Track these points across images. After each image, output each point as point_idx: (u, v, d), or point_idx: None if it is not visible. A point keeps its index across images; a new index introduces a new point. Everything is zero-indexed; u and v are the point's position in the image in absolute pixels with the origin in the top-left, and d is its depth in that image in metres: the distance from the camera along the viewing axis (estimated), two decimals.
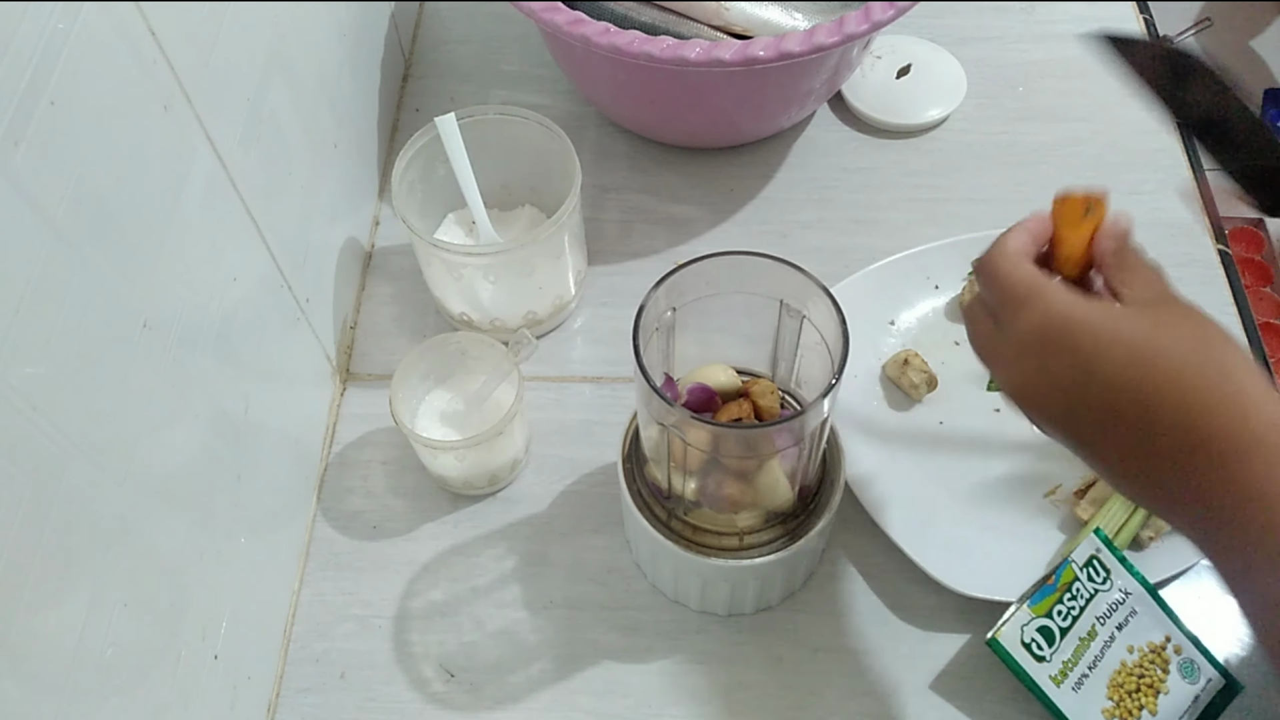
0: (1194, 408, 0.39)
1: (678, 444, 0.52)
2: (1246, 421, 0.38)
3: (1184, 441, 0.39)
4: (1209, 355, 0.40)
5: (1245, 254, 1.67)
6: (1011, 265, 0.44)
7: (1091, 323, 0.41)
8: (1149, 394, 0.39)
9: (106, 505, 0.42)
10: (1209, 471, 0.39)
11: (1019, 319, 0.43)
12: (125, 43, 0.42)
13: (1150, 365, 0.40)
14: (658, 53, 0.63)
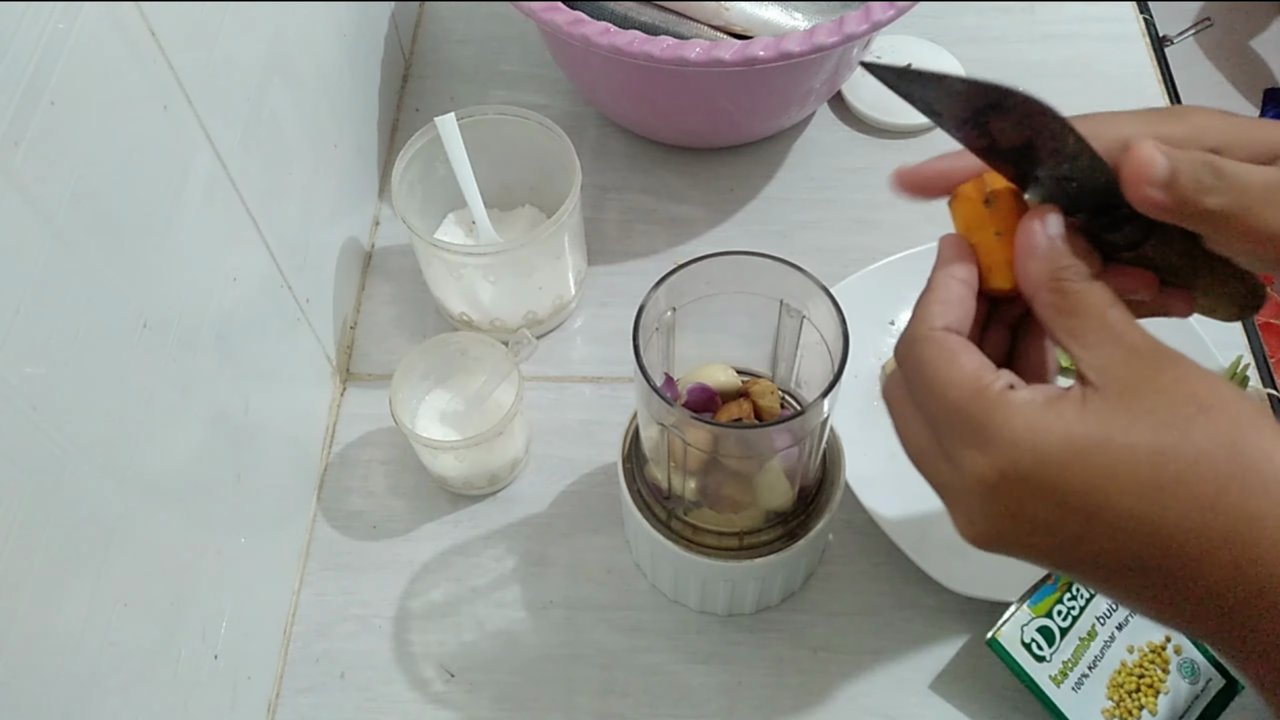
0: (1239, 544, 0.29)
1: (678, 444, 0.52)
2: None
3: (1228, 588, 0.30)
4: (1245, 463, 0.30)
5: None
6: (945, 366, 0.33)
7: (1077, 454, 0.31)
8: (1171, 534, 0.30)
9: (106, 505, 0.42)
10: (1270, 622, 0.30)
11: (970, 458, 0.32)
12: (125, 43, 0.42)
13: (1170, 495, 0.30)
14: (658, 53, 0.63)
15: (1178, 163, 0.34)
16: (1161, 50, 0.89)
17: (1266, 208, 0.35)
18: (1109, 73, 0.87)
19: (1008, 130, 0.35)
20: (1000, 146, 0.36)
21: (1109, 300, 0.34)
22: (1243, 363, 0.66)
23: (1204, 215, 0.35)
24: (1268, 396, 0.69)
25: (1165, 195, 0.35)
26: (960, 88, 0.34)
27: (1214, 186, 0.34)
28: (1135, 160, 0.35)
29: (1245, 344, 0.72)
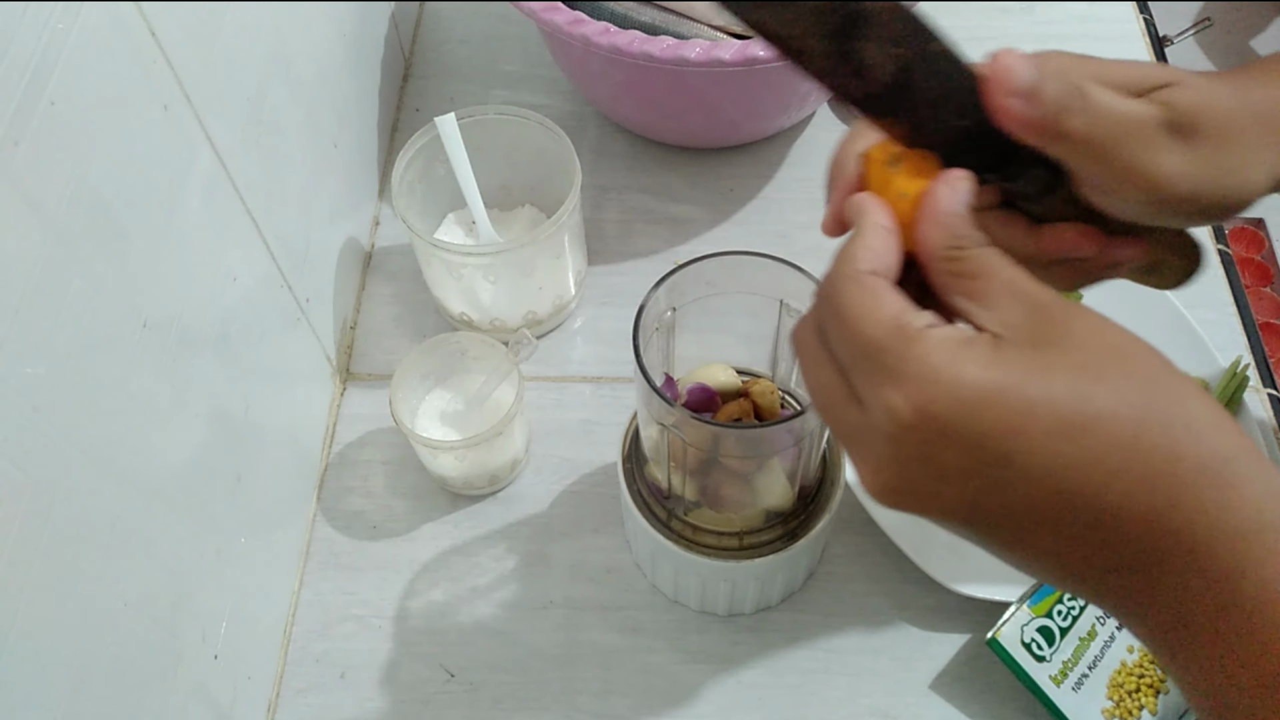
0: (1159, 483, 0.28)
1: (678, 444, 0.52)
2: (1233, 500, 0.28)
3: (1145, 532, 0.29)
4: (1163, 404, 0.29)
5: (1245, 254, 1.67)
6: (868, 302, 0.31)
7: (996, 393, 0.29)
8: (1091, 475, 0.29)
9: (106, 505, 0.42)
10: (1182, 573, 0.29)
11: (885, 395, 0.30)
12: (125, 43, 0.42)
13: (1091, 435, 0.29)
14: (658, 53, 0.63)
15: (1043, 77, 0.34)
16: (1161, 50, 0.89)
17: (1128, 139, 0.34)
18: None
19: (880, 57, 0.33)
20: (877, 86, 0.34)
21: (1006, 262, 0.32)
22: (1243, 363, 0.66)
23: (1067, 138, 0.34)
24: (1268, 397, 0.69)
25: (1026, 107, 0.34)
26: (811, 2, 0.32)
27: (1078, 109, 0.34)
28: (997, 65, 0.34)
29: (1245, 344, 0.72)
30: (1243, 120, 0.36)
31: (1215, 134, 0.35)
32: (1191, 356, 0.67)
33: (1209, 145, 0.35)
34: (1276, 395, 0.70)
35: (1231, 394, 0.65)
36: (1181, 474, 0.28)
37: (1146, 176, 0.35)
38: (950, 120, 0.35)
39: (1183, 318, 0.68)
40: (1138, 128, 0.35)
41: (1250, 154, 0.36)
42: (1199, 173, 0.35)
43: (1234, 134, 0.36)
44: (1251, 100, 0.36)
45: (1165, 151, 0.35)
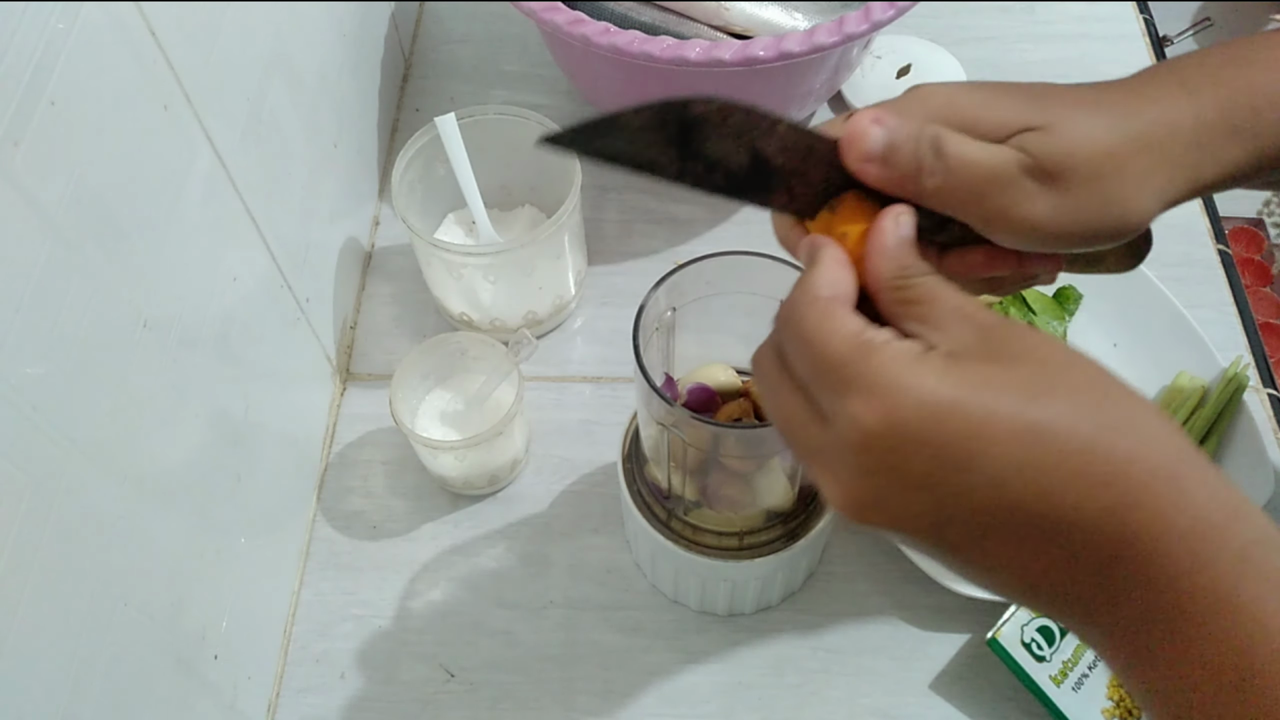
0: (1117, 486, 0.29)
1: (678, 444, 0.52)
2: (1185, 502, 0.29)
3: (1104, 537, 0.29)
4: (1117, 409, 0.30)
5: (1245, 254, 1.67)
6: (828, 323, 0.32)
7: (956, 402, 0.30)
8: (1051, 478, 0.29)
9: (106, 505, 0.42)
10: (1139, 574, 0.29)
11: (849, 407, 0.30)
12: (125, 43, 0.42)
13: (1049, 439, 0.29)
14: (658, 53, 0.63)
15: (899, 137, 0.34)
16: (1161, 50, 0.89)
17: (989, 189, 0.35)
18: (1109, 73, 0.85)
19: (728, 151, 0.34)
20: (738, 175, 0.35)
21: (951, 289, 0.33)
22: (1243, 362, 0.66)
23: (926, 195, 0.35)
24: (1269, 396, 0.69)
25: (882, 171, 0.35)
26: (637, 120, 0.33)
27: (933, 167, 0.34)
28: (849, 132, 0.35)
29: (1245, 344, 0.72)
30: (1123, 153, 0.35)
31: (1085, 175, 0.35)
32: (1191, 356, 0.67)
33: (1078, 186, 0.35)
34: (1276, 395, 0.70)
35: (1231, 394, 0.65)
36: (1136, 476, 0.29)
37: (1015, 221, 0.35)
38: (820, 186, 0.36)
39: (1183, 318, 0.68)
40: (997, 178, 0.35)
41: (1133, 184, 0.35)
42: (1071, 212, 0.35)
43: (1110, 170, 0.35)
44: (1135, 127, 0.36)
45: (1031, 197, 0.35)
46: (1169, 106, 0.36)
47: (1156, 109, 0.36)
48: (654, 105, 0.33)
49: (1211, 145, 0.36)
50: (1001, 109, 0.36)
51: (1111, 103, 0.37)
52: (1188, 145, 0.36)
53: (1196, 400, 0.65)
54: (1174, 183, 0.36)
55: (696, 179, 0.34)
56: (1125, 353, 0.71)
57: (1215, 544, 0.29)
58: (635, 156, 0.33)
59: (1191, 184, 0.36)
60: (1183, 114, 0.36)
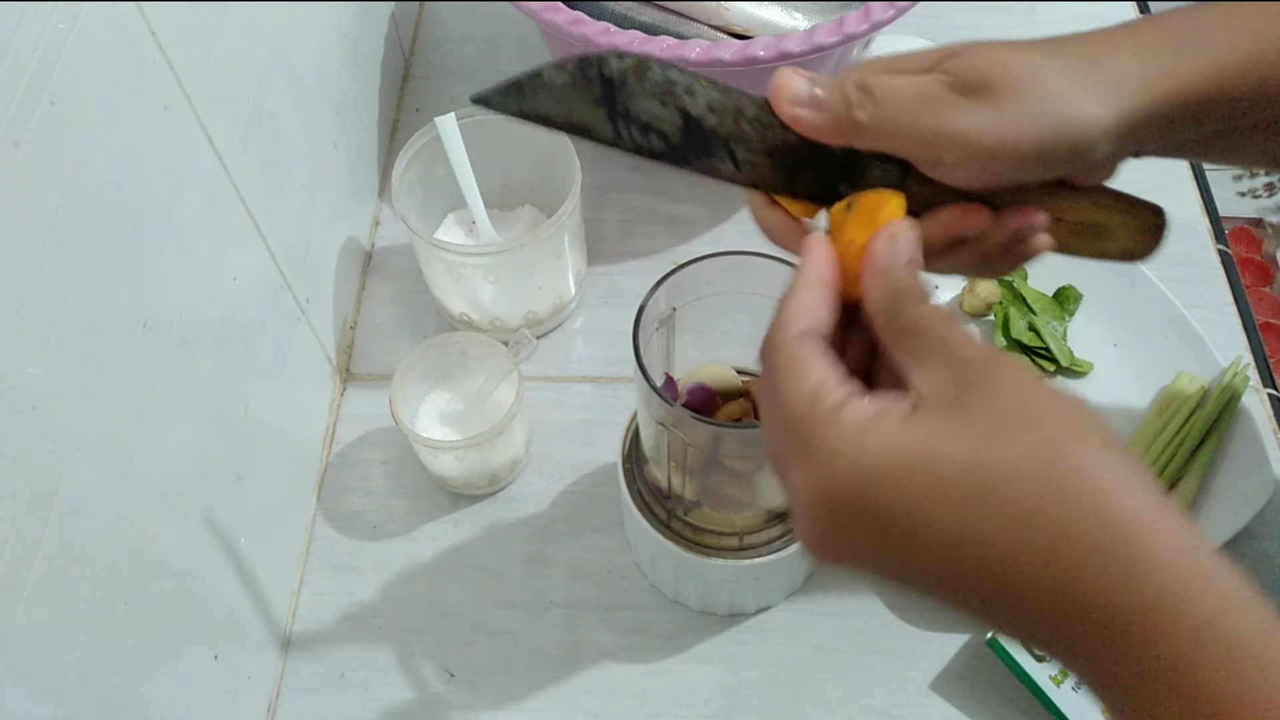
0: (1056, 562, 0.29)
1: (678, 444, 0.52)
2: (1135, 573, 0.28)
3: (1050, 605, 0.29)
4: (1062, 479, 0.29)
5: (1245, 254, 1.67)
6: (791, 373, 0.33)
7: (896, 468, 0.30)
8: (989, 550, 0.29)
9: (106, 505, 0.42)
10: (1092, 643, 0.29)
11: (799, 469, 0.32)
12: (125, 43, 0.42)
13: (987, 509, 0.29)
14: (657, 53, 0.63)
15: (820, 83, 0.36)
16: None
17: (920, 110, 0.35)
18: None
19: (656, 112, 0.35)
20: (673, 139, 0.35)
21: (942, 316, 0.33)
22: (1243, 362, 0.66)
23: (863, 130, 0.36)
24: (1269, 396, 0.69)
25: (813, 113, 0.36)
26: (560, 77, 0.33)
27: (861, 101, 0.36)
28: (774, 84, 0.37)
29: (1245, 344, 0.72)
30: (1050, 69, 0.36)
31: (1013, 86, 0.35)
32: (1191, 356, 0.67)
33: (1007, 94, 0.35)
34: (1276, 395, 0.70)
35: (1231, 394, 0.65)
36: (1079, 550, 0.28)
37: (952, 139, 0.35)
38: (762, 150, 0.37)
39: (1183, 318, 0.68)
40: (924, 98, 0.36)
41: (1067, 88, 0.36)
42: (1006, 124, 0.35)
43: (1039, 81, 0.36)
44: (1063, 51, 0.37)
45: (961, 110, 0.35)
46: (1106, 37, 0.38)
47: (1090, 37, 0.38)
48: (573, 60, 0.33)
49: (1157, 60, 0.37)
50: (926, 55, 0.37)
51: (1039, 42, 0.38)
52: (1132, 60, 0.37)
53: (1196, 400, 0.65)
54: (1124, 94, 0.36)
55: (635, 143, 0.35)
56: (1125, 353, 0.71)
57: (1169, 618, 0.28)
58: (567, 117, 0.34)
59: (1144, 99, 0.36)
60: (1121, 39, 0.37)
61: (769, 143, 0.37)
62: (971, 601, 0.31)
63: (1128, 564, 0.28)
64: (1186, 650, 0.28)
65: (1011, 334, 0.70)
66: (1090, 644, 0.29)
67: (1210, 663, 0.28)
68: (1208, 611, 0.28)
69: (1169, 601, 0.28)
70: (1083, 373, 0.70)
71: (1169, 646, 0.28)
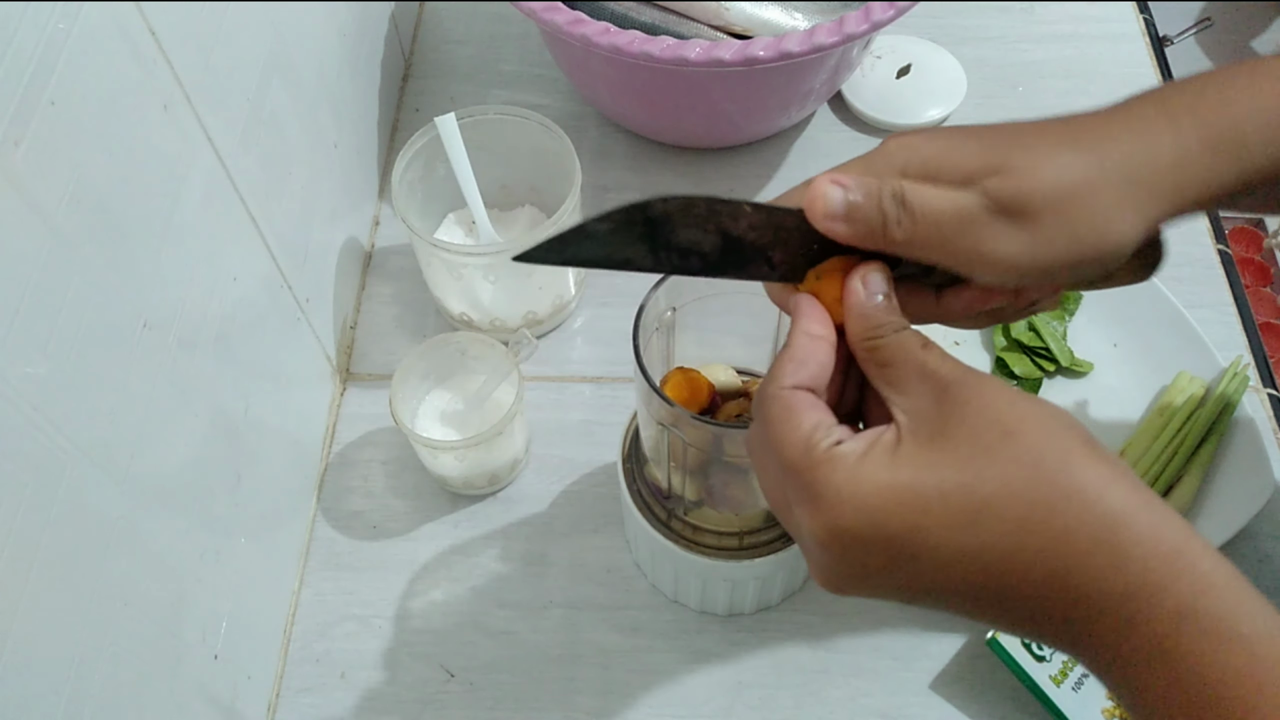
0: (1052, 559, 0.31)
1: (678, 444, 0.52)
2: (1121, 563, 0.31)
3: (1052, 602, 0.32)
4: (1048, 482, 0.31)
5: (1245, 254, 1.67)
6: (786, 424, 0.35)
7: (893, 501, 0.32)
8: (990, 560, 0.32)
9: (106, 505, 0.42)
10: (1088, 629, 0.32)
11: (802, 513, 0.34)
12: (125, 43, 0.42)
13: (982, 523, 0.32)
14: (658, 53, 0.63)
15: (858, 193, 0.36)
16: (1161, 50, 0.89)
17: (957, 233, 0.35)
18: (1109, 73, 0.87)
19: (697, 238, 0.35)
20: (712, 257, 0.36)
21: (919, 343, 0.35)
22: (1243, 362, 0.66)
23: (896, 245, 0.36)
24: (1269, 396, 0.69)
25: (849, 227, 0.36)
26: (606, 225, 0.34)
27: (898, 218, 0.35)
28: (810, 195, 0.36)
29: (1245, 344, 0.72)
30: (1089, 184, 0.35)
31: (1049, 209, 0.35)
32: (1191, 356, 0.67)
33: (1044, 220, 0.35)
34: (1276, 395, 0.70)
35: (1231, 394, 0.65)
36: (1070, 547, 0.31)
37: (990, 261, 0.35)
38: (801, 251, 0.37)
39: (1183, 318, 0.68)
40: (962, 221, 0.35)
41: (1104, 211, 0.35)
42: (1044, 246, 0.35)
43: (1076, 200, 0.35)
44: (1106, 161, 0.36)
45: (999, 236, 0.35)
46: (1145, 131, 0.37)
47: (1131, 135, 0.37)
48: (617, 211, 0.34)
49: (1194, 166, 0.36)
50: (962, 155, 0.36)
51: (1080, 134, 0.37)
52: (1169, 167, 0.36)
53: (1196, 400, 0.65)
54: (1155, 205, 0.36)
55: (673, 267, 0.36)
56: (1125, 353, 0.71)
57: (1151, 602, 0.30)
58: (610, 257, 0.35)
59: (1175, 205, 0.37)
60: (1161, 138, 0.36)
61: (809, 246, 0.37)
62: (978, 608, 0.33)
63: (1112, 555, 0.31)
64: (1169, 631, 0.30)
65: (1011, 334, 0.70)
66: (1086, 633, 0.32)
67: (1191, 642, 0.30)
68: (1188, 594, 0.30)
69: (1150, 587, 0.30)
70: (1083, 373, 0.70)
71: (1153, 629, 0.30)
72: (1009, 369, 0.70)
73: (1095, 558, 0.31)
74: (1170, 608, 0.30)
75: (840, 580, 0.34)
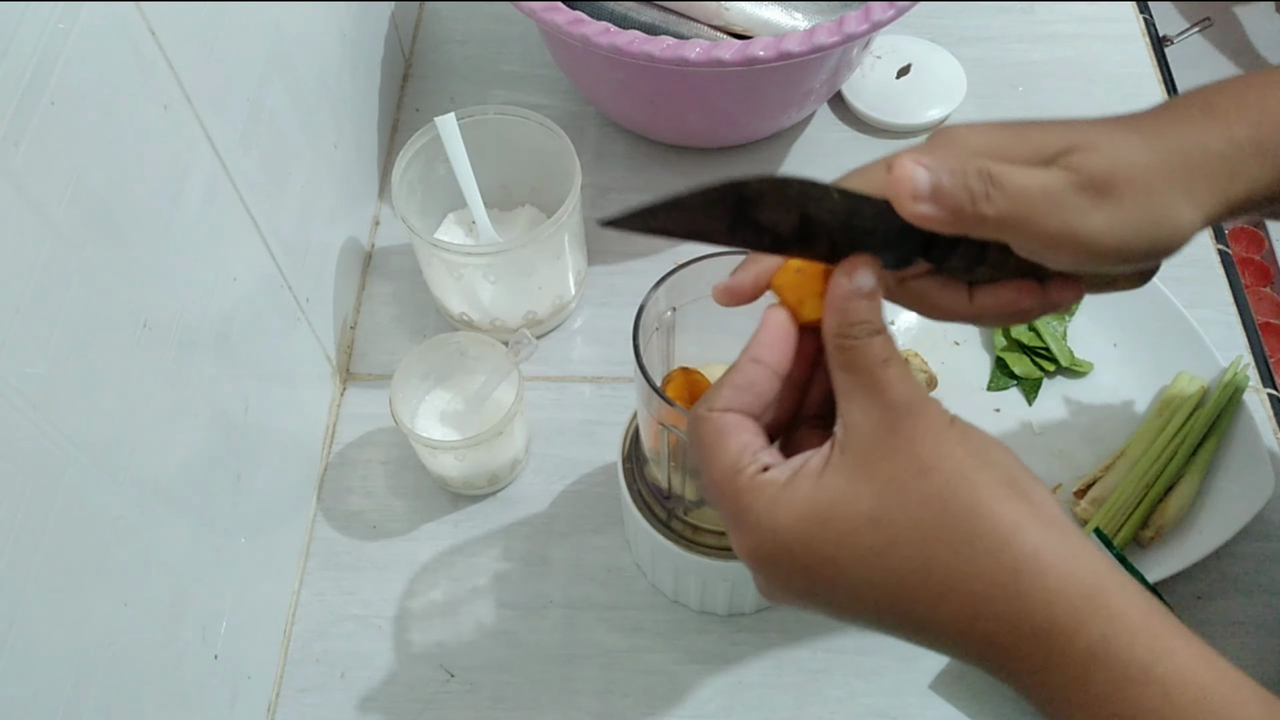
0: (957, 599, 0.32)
1: (678, 444, 0.52)
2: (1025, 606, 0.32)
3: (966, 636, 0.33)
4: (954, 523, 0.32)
5: (1245, 254, 1.67)
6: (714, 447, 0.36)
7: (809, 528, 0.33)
8: (898, 592, 0.33)
9: (106, 505, 0.42)
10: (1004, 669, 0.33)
11: (732, 536, 0.36)
12: (125, 43, 0.42)
13: (890, 559, 0.33)
14: (658, 53, 0.63)
15: (943, 173, 0.35)
16: (1161, 50, 0.89)
17: (1048, 209, 0.35)
18: (1109, 73, 0.87)
19: (779, 218, 0.35)
20: (786, 236, 0.36)
21: (884, 356, 0.35)
22: (1242, 362, 0.66)
23: (986, 223, 0.36)
24: (1268, 396, 0.69)
25: (936, 209, 0.36)
26: (699, 200, 0.34)
27: (989, 194, 0.35)
28: (895, 178, 0.36)
29: (1245, 344, 0.72)
30: (1160, 170, 0.36)
31: (1134, 189, 0.35)
32: (1191, 356, 0.67)
33: (1130, 200, 0.35)
34: (1276, 395, 0.70)
35: (1231, 394, 0.65)
36: (973, 589, 0.32)
37: (1074, 239, 0.35)
38: (863, 237, 0.37)
39: (1183, 318, 0.68)
40: (1054, 196, 0.35)
41: (1173, 200, 0.36)
42: (1125, 227, 0.36)
43: (1154, 185, 0.36)
44: (1170, 145, 0.36)
45: (1087, 213, 0.35)
46: (1198, 127, 0.37)
47: (1187, 128, 0.37)
48: (714, 188, 0.34)
49: (1239, 164, 0.37)
50: (1036, 138, 0.37)
51: (1140, 126, 0.37)
52: (1220, 160, 0.37)
53: (1196, 400, 0.65)
54: (1210, 197, 0.37)
55: (745, 241, 0.36)
56: (1125, 353, 0.71)
57: (1062, 643, 0.31)
58: (690, 228, 0.35)
59: (1226, 201, 0.37)
60: (1212, 133, 0.37)
61: (873, 233, 0.37)
62: (904, 634, 0.34)
63: (1015, 600, 0.31)
64: (1081, 674, 0.31)
65: (1011, 334, 0.70)
66: (1002, 669, 0.33)
67: (1104, 684, 0.31)
68: (1098, 636, 0.31)
69: (1058, 630, 0.31)
70: (1083, 373, 0.70)
71: (1066, 671, 0.31)
72: (1009, 369, 0.70)
73: (998, 603, 0.31)
74: (1081, 649, 0.31)
75: (773, 594, 0.36)
